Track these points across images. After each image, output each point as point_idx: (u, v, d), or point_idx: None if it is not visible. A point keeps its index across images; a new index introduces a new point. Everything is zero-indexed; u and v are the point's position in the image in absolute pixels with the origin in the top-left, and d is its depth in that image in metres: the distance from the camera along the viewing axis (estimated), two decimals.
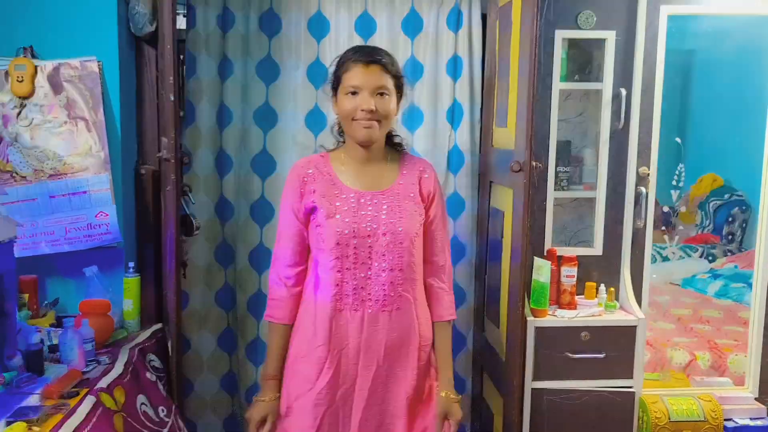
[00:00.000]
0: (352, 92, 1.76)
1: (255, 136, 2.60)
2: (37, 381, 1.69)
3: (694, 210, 5.17)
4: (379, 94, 1.76)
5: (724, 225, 5.06)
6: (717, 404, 2.42)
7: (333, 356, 1.80)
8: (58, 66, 2.15)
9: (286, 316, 1.88)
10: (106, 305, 2.06)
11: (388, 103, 1.78)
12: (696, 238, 5.01)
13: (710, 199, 5.13)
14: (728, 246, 5.05)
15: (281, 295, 1.88)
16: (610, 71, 2.39)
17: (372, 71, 1.75)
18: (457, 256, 2.73)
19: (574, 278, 2.38)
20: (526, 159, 2.08)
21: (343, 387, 1.81)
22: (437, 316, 1.92)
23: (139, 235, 2.34)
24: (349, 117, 1.78)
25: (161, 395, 2.01)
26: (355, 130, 1.78)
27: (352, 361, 1.80)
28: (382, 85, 1.76)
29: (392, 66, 1.80)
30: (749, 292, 3.91)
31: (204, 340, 2.66)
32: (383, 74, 1.77)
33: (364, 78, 1.75)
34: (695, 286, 4.34)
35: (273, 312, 1.89)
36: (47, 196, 2.16)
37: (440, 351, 1.93)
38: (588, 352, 2.32)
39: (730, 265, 4.57)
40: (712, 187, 5.17)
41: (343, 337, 1.80)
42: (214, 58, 2.54)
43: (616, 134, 2.42)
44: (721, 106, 4.87)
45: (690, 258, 4.91)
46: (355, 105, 1.75)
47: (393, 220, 1.79)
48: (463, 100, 2.66)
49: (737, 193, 5.08)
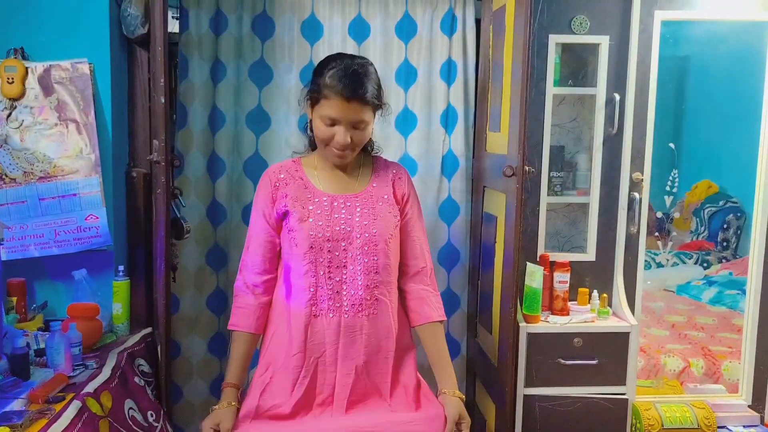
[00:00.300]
0: (328, 123, 1.73)
1: (247, 139, 2.59)
2: (22, 385, 1.67)
3: (689, 216, 5.16)
4: (356, 127, 1.74)
5: (719, 232, 5.06)
6: (710, 411, 2.41)
7: (309, 364, 1.75)
8: (49, 68, 2.14)
9: (252, 325, 1.83)
10: (95, 309, 2.04)
11: (365, 133, 1.77)
12: (691, 245, 5.00)
13: (705, 206, 5.13)
14: (723, 253, 5.04)
15: (248, 303, 1.84)
16: (604, 76, 2.38)
17: (352, 107, 1.71)
18: (452, 261, 2.72)
19: (566, 284, 2.37)
20: (519, 164, 2.07)
21: (320, 396, 1.76)
22: (426, 317, 1.86)
23: (129, 238, 2.32)
24: (323, 142, 1.77)
25: (149, 400, 1.99)
26: (328, 154, 1.79)
27: (330, 369, 1.76)
28: (360, 119, 1.73)
29: (374, 97, 1.75)
30: (744, 299, 3.91)
31: (194, 344, 2.64)
32: (363, 108, 1.72)
33: (344, 113, 1.71)
34: (689, 293, 4.33)
35: (238, 320, 1.84)
36: (37, 199, 2.14)
37: (437, 354, 1.86)
38: (581, 359, 2.30)
39: (724, 272, 4.56)
40: (707, 194, 5.16)
41: (319, 344, 1.75)
42: (207, 61, 2.53)
43: (610, 139, 2.42)
44: (715, 113, 4.87)
45: (684, 264, 4.90)
46: (331, 134, 1.73)
47: (367, 222, 1.77)
48: (457, 105, 2.65)
49: (732, 199, 5.08)
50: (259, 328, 1.84)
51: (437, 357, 1.87)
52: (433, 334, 1.88)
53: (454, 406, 1.79)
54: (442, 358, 1.87)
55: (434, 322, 1.87)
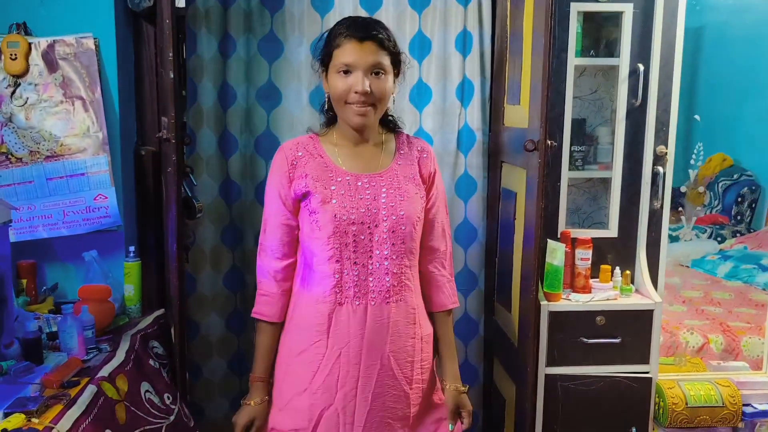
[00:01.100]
0: (344, 71, 1.62)
1: (258, 115, 2.52)
2: (35, 370, 1.62)
3: (703, 190, 5.11)
4: (374, 73, 1.62)
5: (733, 205, 5.00)
6: (735, 389, 2.36)
7: (331, 354, 1.67)
8: (52, 43, 2.07)
9: (276, 314, 1.75)
10: (107, 291, 1.99)
11: (384, 84, 1.64)
12: (704, 219, 4.95)
13: (719, 179, 5.06)
14: (737, 227, 4.99)
15: (271, 290, 1.75)
16: (628, 46, 2.29)
17: (367, 48, 1.60)
18: (469, 238, 2.66)
19: (588, 261, 2.31)
20: (541, 138, 2.00)
21: (343, 390, 1.67)
22: (440, 305, 1.82)
23: (139, 218, 2.26)
24: (341, 99, 1.64)
25: (166, 382, 1.95)
26: (347, 114, 1.65)
27: (353, 361, 1.67)
28: (377, 62, 1.61)
29: (389, 41, 1.64)
30: (760, 273, 3.88)
31: (213, 323, 2.60)
32: (379, 51, 1.61)
33: (358, 55, 1.60)
34: (704, 268, 4.29)
35: (262, 309, 1.76)
36: (44, 179, 2.08)
37: (445, 342, 1.83)
38: (603, 337, 2.25)
39: (739, 246, 4.51)
40: (721, 167, 5.10)
41: (343, 334, 1.66)
42: (215, 35, 2.46)
43: (633, 112, 2.33)
44: (732, 84, 4.79)
45: (699, 239, 4.85)
46: (347, 86, 1.61)
47: (394, 203, 1.67)
48: (473, 77, 2.58)
49: (747, 173, 5.02)
50: (281, 316, 1.77)
51: (444, 347, 1.84)
52: (444, 322, 1.84)
53: (454, 398, 1.82)
54: (448, 348, 1.84)
55: (447, 310, 1.84)
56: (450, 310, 1.84)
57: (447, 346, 1.84)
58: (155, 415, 1.77)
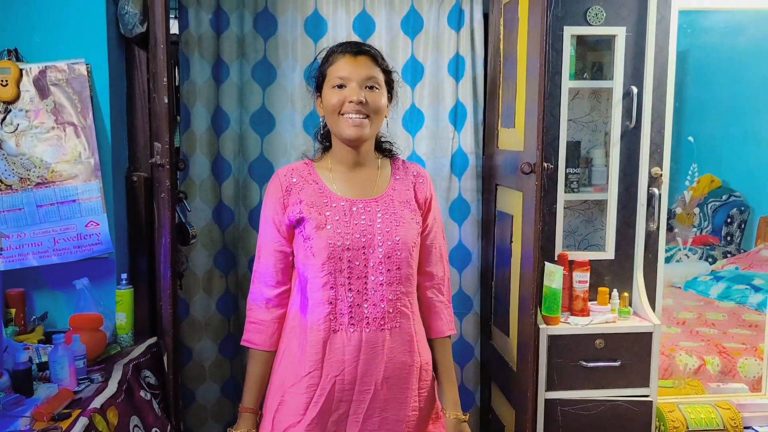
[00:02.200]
0: (339, 85, 1.62)
1: (252, 141, 2.51)
2: (25, 402, 1.58)
3: (692, 211, 5.13)
4: (369, 87, 1.62)
5: (723, 226, 5.02)
6: (736, 412, 2.34)
7: (325, 383, 1.63)
8: (44, 69, 2.05)
9: (266, 342, 1.70)
10: (98, 319, 1.95)
11: (379, 97, 1.63)
12: (695, 240, 4.96)
13: (708, 200, 5.09)
14: (727, 247, 5.00)
15: (262, 318, 1.71)
16: (621, 68, 2.31)
17: (360, 62, 1.62)
18: (463, 262, 2.64)
19: (586, 284, 2.30)
20: (538, 160, 2.00)
21: (336, 413, 1.64)
22: (437, 332, 1.78)
23: (131, 245, 2.23)
24: (335, 111, 1.62)
25: (155, 415, 1.90)
26: (342, 126, 1.62)
27: (347, 388, 1.63)
28: (371, 76, 1.62)
29: (382, 59, 1.68)
30: (752, 293, 3.88)
31: (206, 348, 2.56)
32: (373, 66, 1.64)
33: (353, 69, 1.61)
34: (697, 289, 4.28)
35: (252, 337, 1.71)
36: (34, 206, 2.05)
37: (443, 369, 1.79)
38: (603, 360, 2.23)
39: (730, 266, 4.52)
40: (710, 188, 5.13)
41: (337, 362, 1.62)
42: (209, 61, 2.45)
43: (628, 134, 2.35)
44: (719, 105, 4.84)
45: (689, 260, 4.85)
46: (342, 97, 1.61)
47: (389, 228, 1.64)
48: (466, 101, 2.58)
49: (735, 193, 5.05)
50: (273, 345, 1.72)
51: (443, 373, 1.80)
52: (443, 348, 1.80)
53: (455, 427, 1.76)
54: (447, 375, 1.80)
55: (445, 337, 1.80)
56: (448, 337, 1.82)
57: (446, 373, 1.80)
58: None
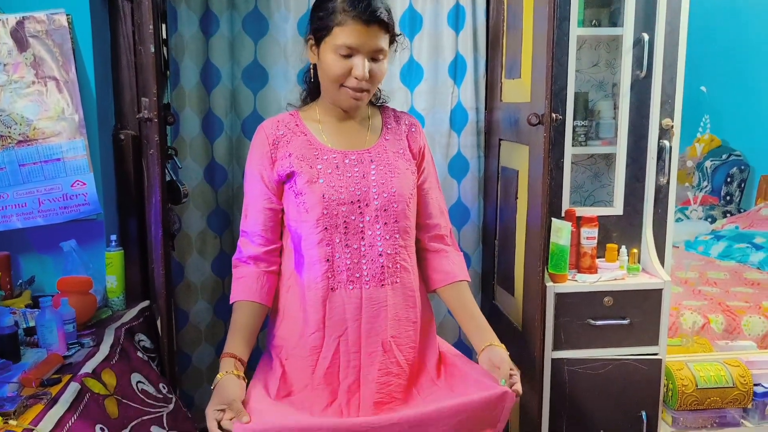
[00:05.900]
0: (344, 54, 1.52)
1: (245, 97, 2.40)
2: (12, 368, 1.51)
3: (691, 171, 5.07)
4: (373, 57, 1.54)
5: (723, 185, 4.97)
6: (746, 369, 2.30)
7: (329, 344, 1.56)
8: (22, 20, 1.92)
9: (256, 294, 1.60)
10: (88, 282, 1.86)
11: (383, 67, 1.57)
12: (694, 199, 4.92)
13: (708, 159, 5.03)
14: (727, 207, 4.96)
15: (248, 272, 1.62)
16: (632, 15, 2.20)
17: (372, 32, 1.51)
18: (462, 220, 2.57)
19: (594, 240, 2.22)
20: (546, 111, 1.90)
21: (346, 382, 1.57)
22: (451, 277, 1.69)
23: (120, 205, 2.13)
24: (337, 82, 1.54)
25: (157, 373, 1.83)
26: (341, 97, 1.57)
27: (353, 349, 1.56)
28: (380, 48, 1.54)
29: (391, 23, 1.57)
30: (753, 251, 3.85)
31: (201, 310, 2.49)
32: (382, 35, 1.54)
33: (363, 40, 1.50)
34: (697, 248, 4.25)
35: (239, 292, 1.61)
36: (16, 165, 1.94)
37: (468, 313, 1.67)
38: (611, 318, 2.16)
39: (730, 226, 4.48)
40: (709, 147, 5.07)
41: (339, 321, 1.56)
42: (196, 12, 2.32)
43: (638, 84, 2.24)
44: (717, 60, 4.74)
45: (689, 219, 4.81)
46: (346, 68, 1.52)
47: (384, 180, 1.58)
48: (466, 54, 2.48)
49: (735, 152, 4.99)
50: (263, 297, 1.62)
51: (469, 317, 1.69)
52: (460, 292, 1.70)
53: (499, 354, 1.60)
54: (474, 317, 1.69)
55: (459, 281, 1.70)
56: (464, 281, 1.71)
57: (473, 316, 1.67)
58: (152, 405, 1.67)
